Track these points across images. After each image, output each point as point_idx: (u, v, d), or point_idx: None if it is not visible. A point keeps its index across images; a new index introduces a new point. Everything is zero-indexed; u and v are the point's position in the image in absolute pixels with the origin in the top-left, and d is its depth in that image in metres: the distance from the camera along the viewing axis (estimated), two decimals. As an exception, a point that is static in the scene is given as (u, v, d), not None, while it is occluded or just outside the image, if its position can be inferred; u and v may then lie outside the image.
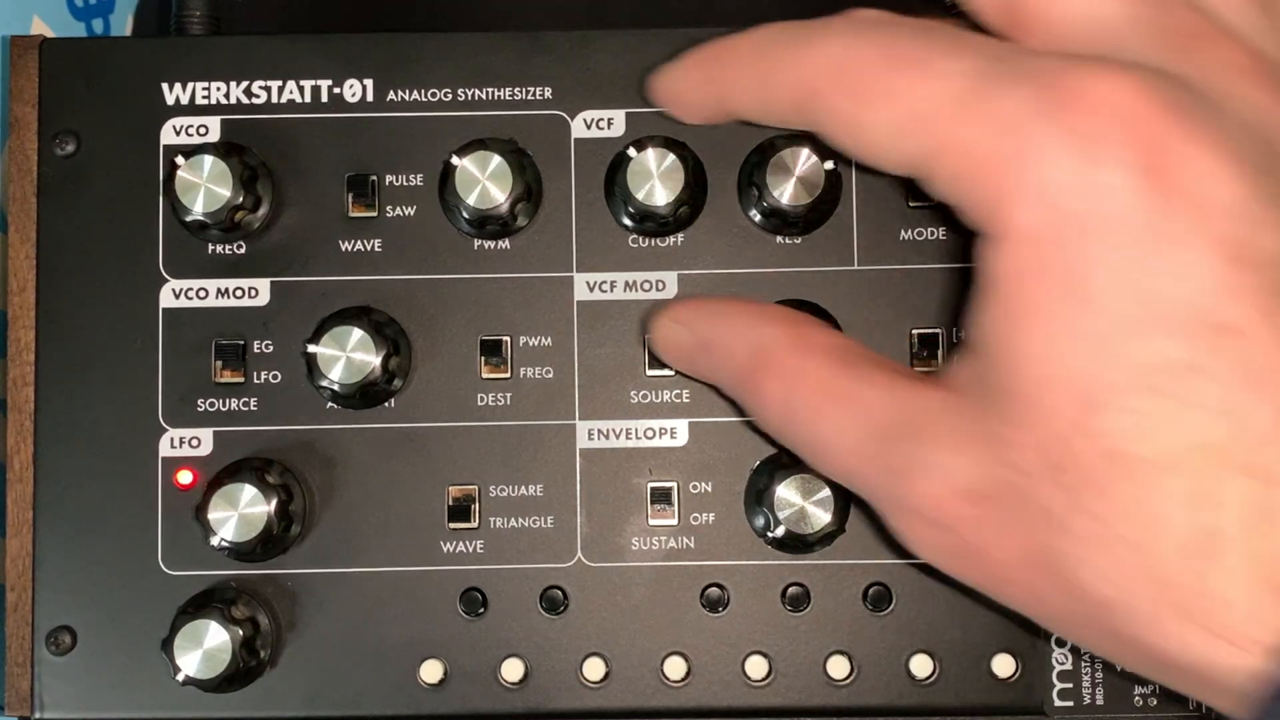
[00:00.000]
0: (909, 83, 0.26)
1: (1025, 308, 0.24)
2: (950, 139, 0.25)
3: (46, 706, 0.33)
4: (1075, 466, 0.24)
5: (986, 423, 0.25)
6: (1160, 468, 0.23)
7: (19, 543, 0.34)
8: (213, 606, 0.32)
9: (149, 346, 0.34)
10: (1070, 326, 0.24)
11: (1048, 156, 0.24)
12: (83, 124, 0.35)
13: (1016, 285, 0.25)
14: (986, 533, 0.26)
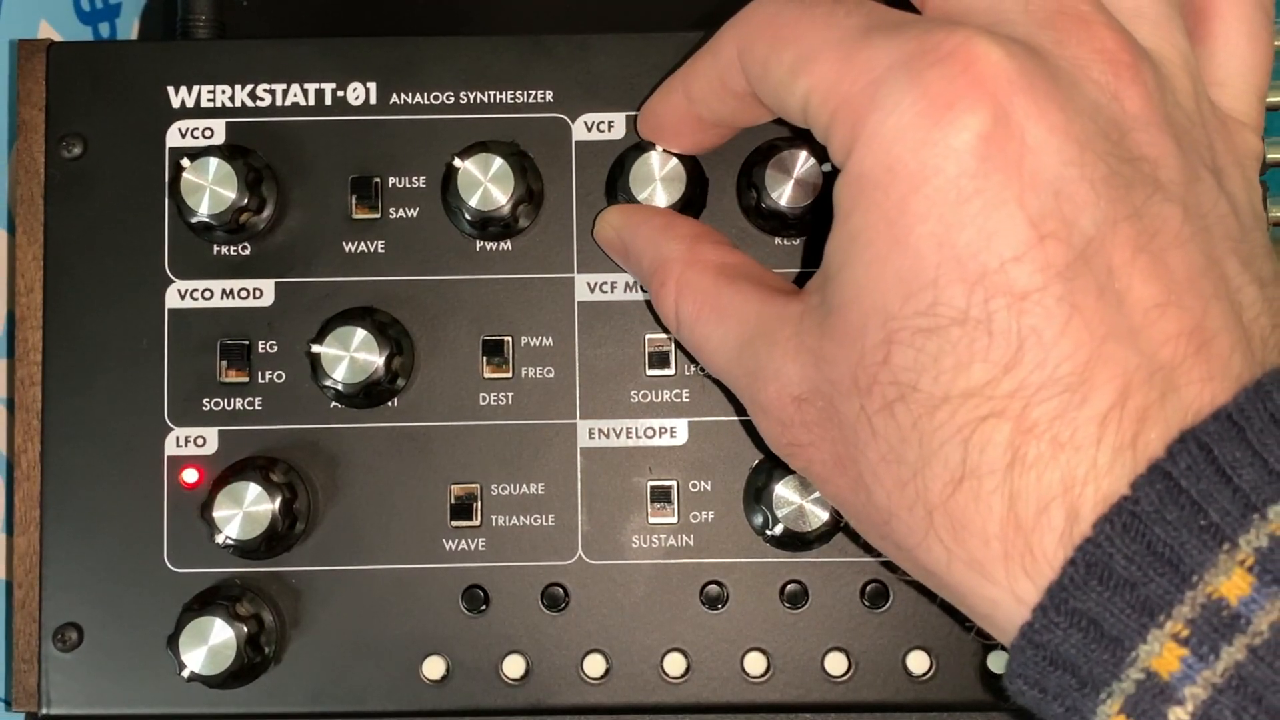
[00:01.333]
0: (807, 31, 0.27)
1: (858, 240, 0.26)
2: (824, 80, 0.27)
3: (53, 702, 0.33)
4: (872, 390, 0.26)
5: (818, 337, 0.27)
6: (935, 403, 0.25)
7: (26, 540, 0.34)
8: (218, 603, 0.32)
9: (155, 346, 0.34)
10: (886, 264, 0.25)
11: (898, 108, 0.25)
12: (89, 127, 0.35)
13: (853, 219, 0.26)
14: (810, 433, 0.28)
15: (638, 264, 0.33)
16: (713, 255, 0.31)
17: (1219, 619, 0.22)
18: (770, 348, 0.28)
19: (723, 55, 0.30)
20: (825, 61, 0.27)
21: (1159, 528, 0.23)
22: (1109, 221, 0.25)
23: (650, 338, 0.34)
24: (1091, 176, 0.25)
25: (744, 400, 0.30)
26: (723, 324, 0.30)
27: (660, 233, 0.32)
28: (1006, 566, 0.24)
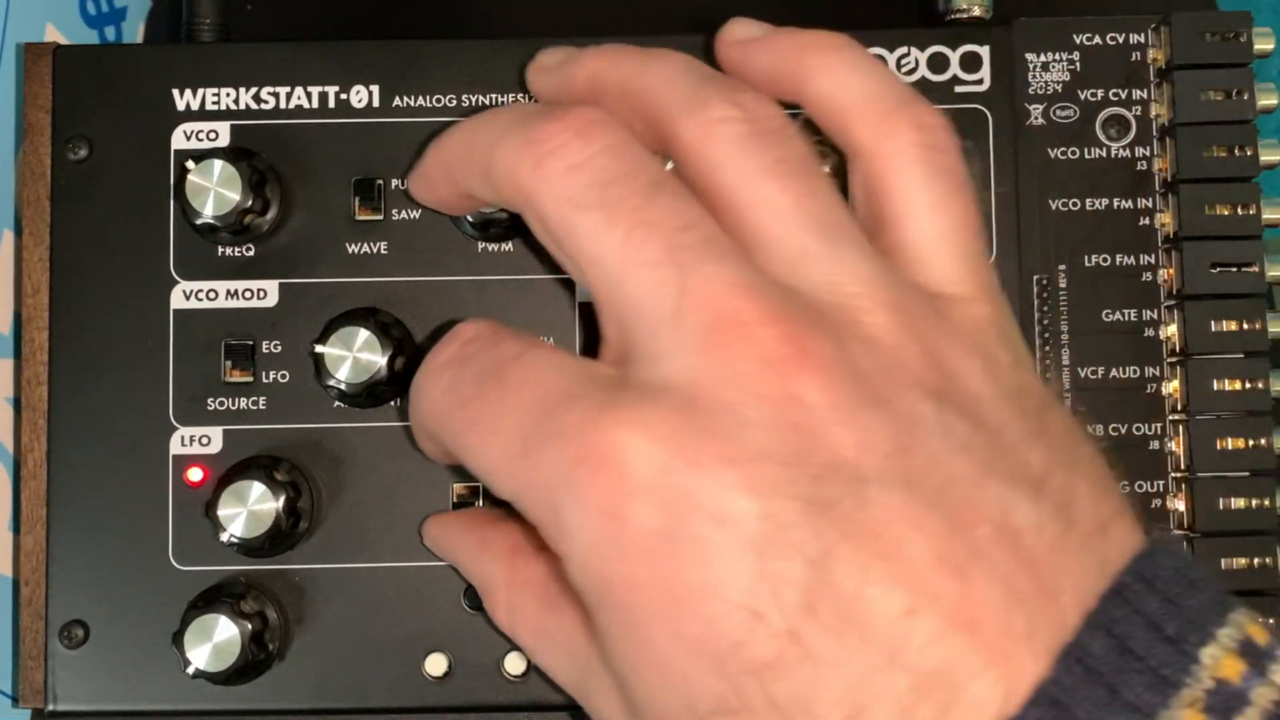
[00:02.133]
0: (472, 452, 0.27)
1: (610, 640, 0.26)
2: (510, 496, 0.27)
3: (59, 698, 0.33)
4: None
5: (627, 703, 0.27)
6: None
7: (33, 538, 0.34)
8: (222, 601, 0.32)
9: (160, 347, 0.34)
10: (642, 669, 0.25)
11: (581, 532, 0.25)
12: (95, 129, 0.35)
13: (599, 621, 0.26)
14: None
15: (467, 576, 0.32)
16: (534, 571, 0.30)
17: None
18: (598, 693, 0.28)
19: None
20: (501, 483, 0.27)
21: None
22: (822, 556, 0.23)
23: (650, 338, 0.34)
24: (785, 522, 0.23)
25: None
26: (557, 656, 0.29)
27: (477, 553, 0.31)
28: None
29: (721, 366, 0.24)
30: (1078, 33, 0.35)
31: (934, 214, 0.28)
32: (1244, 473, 0.33)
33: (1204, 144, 0.33)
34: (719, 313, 0.25)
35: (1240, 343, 0.33)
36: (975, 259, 0.28)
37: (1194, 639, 0.23)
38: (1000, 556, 0.23)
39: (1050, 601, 0.23)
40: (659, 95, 0.28)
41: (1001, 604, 0.23)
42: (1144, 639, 0.23)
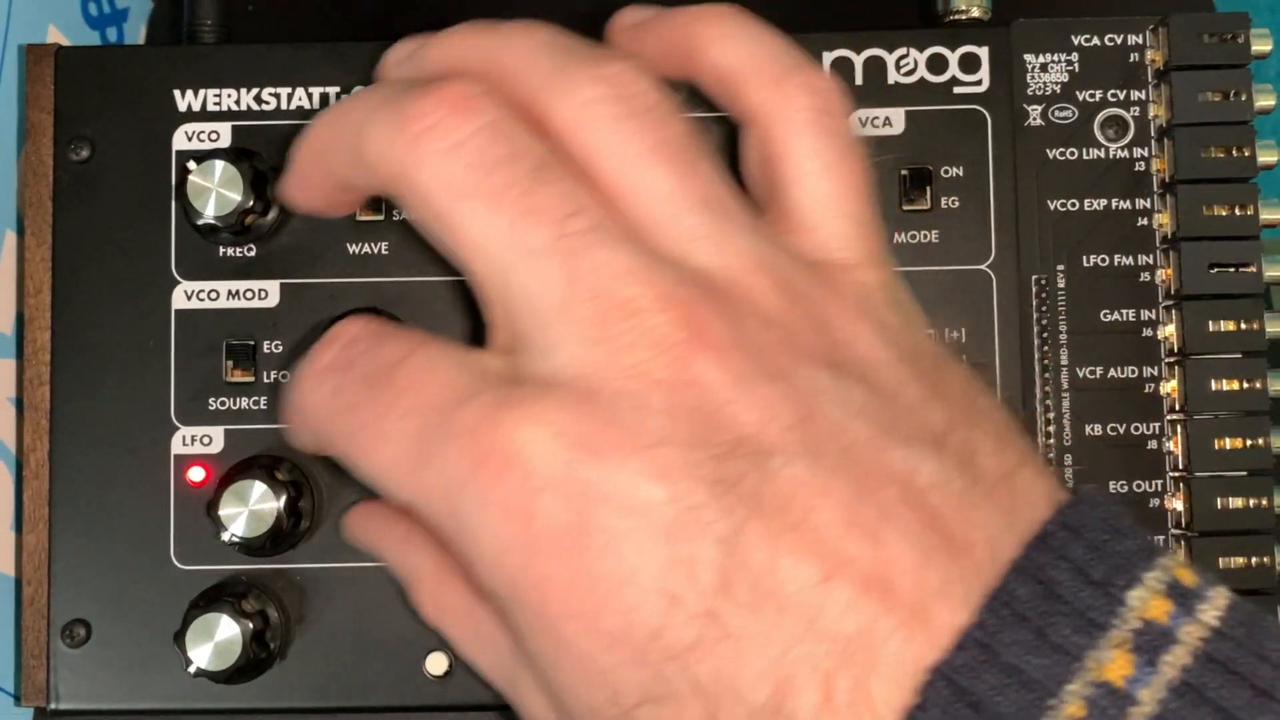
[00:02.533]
0: (366, 453, 0.27)
1: (528, 642, 0.26)
2: (411, 503, 0.26)
3: (61, 697, 0.33)
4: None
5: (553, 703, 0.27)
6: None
7: (35, 538, 0.34)
8: (224, 600, 0.32)
9: (161, 347, 0.34)
10: (561, 666, 0.25)
11: (485, 534, 0.25)
12: (97, 130, 0.35)
13: (512, 619, 0.26)
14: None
15: (392, 568, 0.31)
16: (460, 564, 0.29)
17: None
18: (526, 691, 0.27)
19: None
20: (397, 490, 0.26)
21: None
22: (733, 534, 0.23)
23: (650, 338, 0.34)
24: (693, 504, 0.23)
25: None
26: (485, 652, 0.29)
27: (402, 544, 0.31)
28: None
29: (616, 355, 0.24)
30: (1076, 34, 0.35)
31: (824, 178, 0.28)
32: (1242, 472, 0.33)
33: (1202, 145, 0.33)
34: (610, 300, 0.24)
35: (1238, 343, 0.33)
36: (863, 224, 0.28)
37: (1121, 582, 0.23)
38: (909, 516, 0.24)
39: (963, 554, 0.23)
40: (523, 75, 0.27)
41: (914, 561, 0.23)
42: (1070, 584, 0.23)
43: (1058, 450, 0.34)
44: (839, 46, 0.34)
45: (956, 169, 0.34)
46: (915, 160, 0.34)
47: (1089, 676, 0.22)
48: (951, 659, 0.22)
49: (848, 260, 0.27)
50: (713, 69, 0.29)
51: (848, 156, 0.28)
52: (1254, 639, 0.23)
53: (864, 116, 0.34)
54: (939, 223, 0.34)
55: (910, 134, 0.34)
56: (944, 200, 0.34)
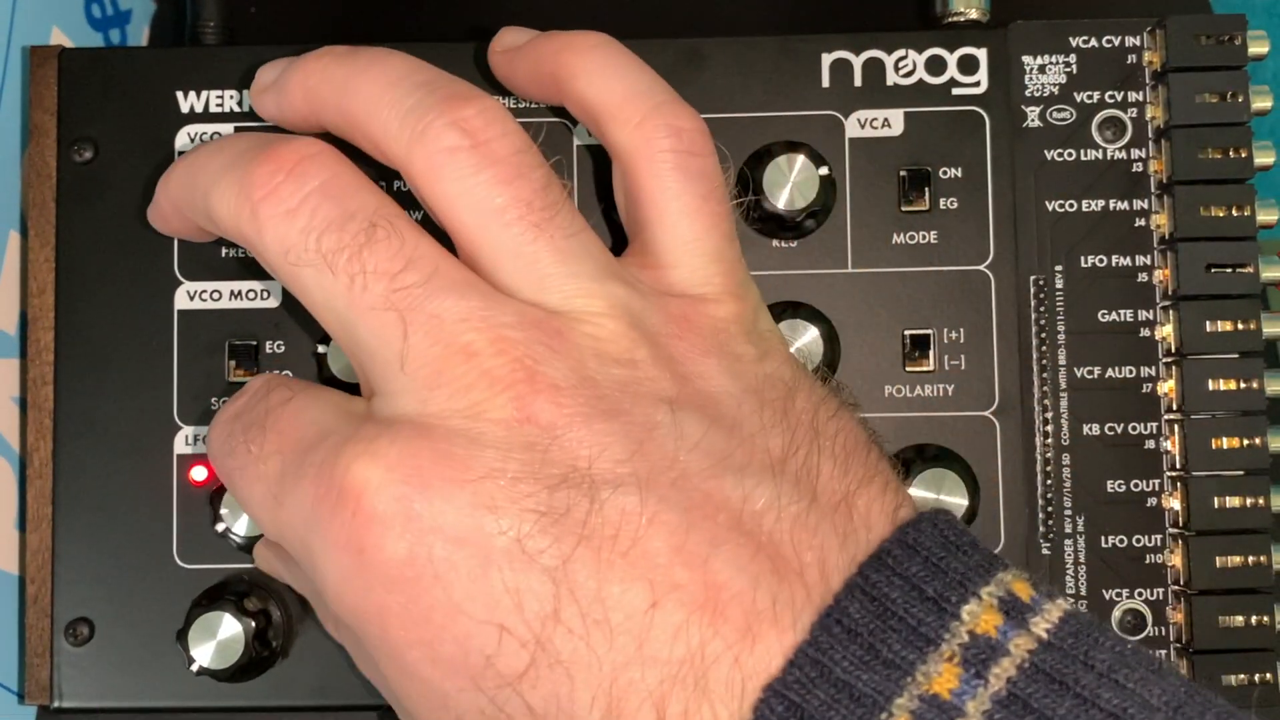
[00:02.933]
0: (236, 488, 0.28)
1: (379, 670, 0.27)
2: (272, 532, 0.28)
3: (65, 695, 0.33)
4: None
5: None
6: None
7: (38, 537, 0.34)
8: (226, 599, 0.32)
9: (164, 346, 0.34)
10: (412, 695, 0.26)
11: (327, 567, 0.25)
12: (100, 131, 0.35)
13: (365, 649, 0.27)
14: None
15: (297, 589, 0.32)
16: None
17: None
18: (398, 711, 0.28)
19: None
20: (265, 528, 0.28)
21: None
22: (561, 563, 0.24)
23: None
24: (521, 534, 0.24)
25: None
26: (369, 671, 0.29)
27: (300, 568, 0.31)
28: None
29: (453, 399, 0.25)
30: (1074, 35, 0.35)
31: (685, 219, 0.28)
32: (1239, 471, 0.33)
33: (1199, 146, 0.33)
34: (448, 347, 0.25)
35: (1235, 343, 0.33)
36: (722, 261, 0.29)
37: (955, 598, 0.24)
38: (739, 541, 0.24)
39: (794, 576, 0.24)
40: (376, 117, 0.28)
41: (743, 585, 0.24)
42: (903, 600, 0.24)
43: (1055, 449, 0.34)
44: (838, 48, 0.35)
45: (955, 170, 0.34)
46: (914, 161, 0.34)
47: (917, 690, 0.23)
48: (784, 677, 0.23)
49: (706, 295, 0.28)
50: (579, 101, 0.30)
51: (710, 198, 0.29)
52: (1081, 648, 0.23)
53: (863, 118, 0.34)
54: (938, 223, 0.34)
55: (909, 135, 0.34)
56: (943, 201, 0.34)
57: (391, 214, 0.27)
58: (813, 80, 0.34)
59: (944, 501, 0.33)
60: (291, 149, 0.27)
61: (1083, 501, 0.34)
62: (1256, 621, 0.32)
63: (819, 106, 0.34)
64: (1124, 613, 0.33)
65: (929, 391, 0.34)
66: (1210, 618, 0.33)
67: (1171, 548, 0.33)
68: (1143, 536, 0.34)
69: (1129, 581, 0.33)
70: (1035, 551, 0.33)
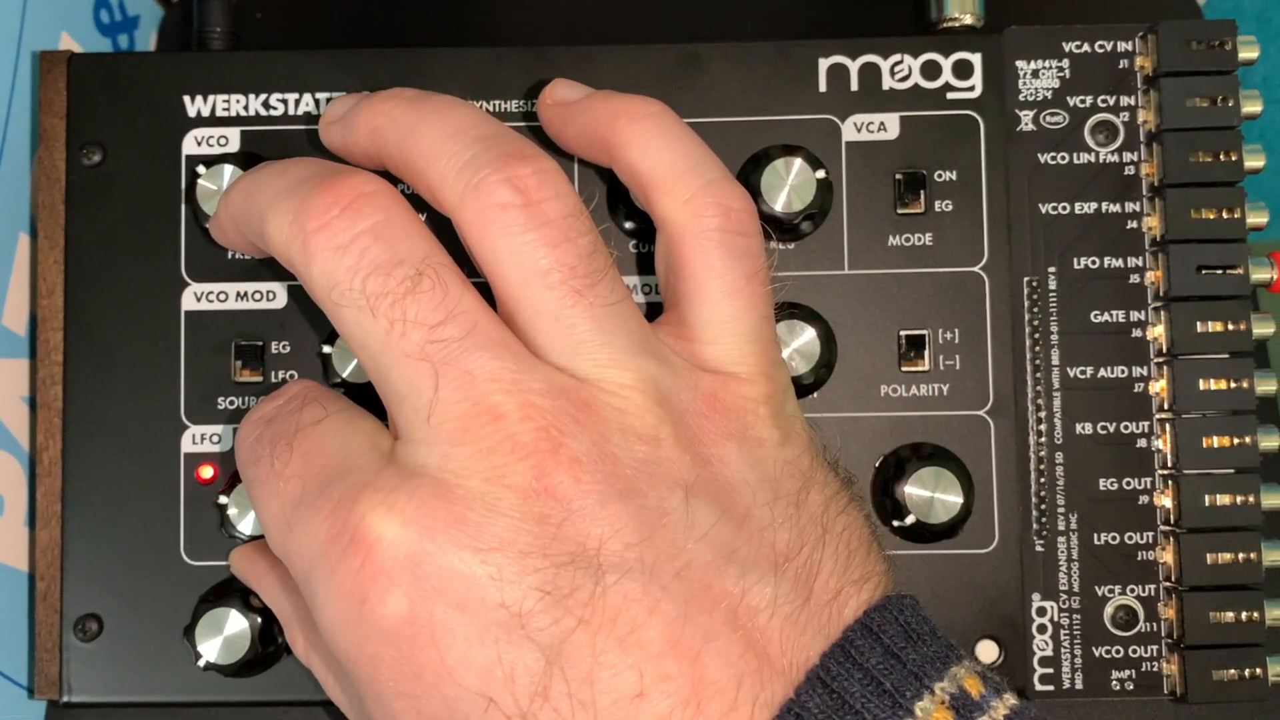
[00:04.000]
0: (255, 500, 0.28)
1: (369, 711, 0.26)
2: (284, 557, 0.27)
3: (74, 690, 0.33)
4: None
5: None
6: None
7: (48, 534, 0.34)
8: (232, 595, 0.32)
9: (172, 347, 0.34)
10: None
11: (327, 606, 0.25)
12: (109, 135, 0.35)
13: (359, 690, 0.26)
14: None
15: (268, 603, 0.32)
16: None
17: None
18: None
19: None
20: (272, 543, 0.27)
21: None
22: (557, 643, 0.24)
23: (650, 338, 0.34)
24: (523, 610, 0.24)
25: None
26: (343, 697, 0.29)
27: (278, 586, 0.31)
28: None
29: (476, 459, 0.25)
30: (1067, 41, 0.35)
31: (726, 298, 0.28)
32: (1229, 470, 0.33)
33: (1190, 149, 0.33)
34: (476, 406, 0.25)
35: (1225, 343, 0.33)
36: (758, 341, 0.28)
37: (909, 692, 0.24)
38: (732, 637, 0.24)
39: (778, 676, 0.24)
40: (434, 164, 0.28)
41: (729, 681, 0.24)
42: (861, 693, 0.24)
43: (1049, 448, 0.34)
44: (835, 53, 0.35)
45: (950, 173, 0.34)
46: (910, 165, 0.34)
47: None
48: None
49: (738, 374, 0.28)
50: (629, 169, 0.29)
51: (753, 279, 0.28)
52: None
53: (859, 122, 0.34)
54: (933, 226, 0.34)
55: (904, 139, 0.34)
56: (938, 204, 0.34)
57: (439, 263, 0.26)
58: (810, 85, 0.34)
59: (940, 499, 0.33)
60: (350, 184, 0.27)
61: (1076, 499, 0.34)
62: (1246, 617, 0.32)
63: (816, 110, 0.34)
64: (1116, 609, 0.33)
65: (924, 391, 0.34)
66: (1201, 613, 0.33)
67: (1163, 544, 0.34)
68: (1135, 533, 0.34)
69: (1121, 578, 0.33)
70: (1029, 549, 0.34)
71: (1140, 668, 0.33)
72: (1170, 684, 0.33)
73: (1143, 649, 0.33)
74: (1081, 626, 0.33)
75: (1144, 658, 0.33)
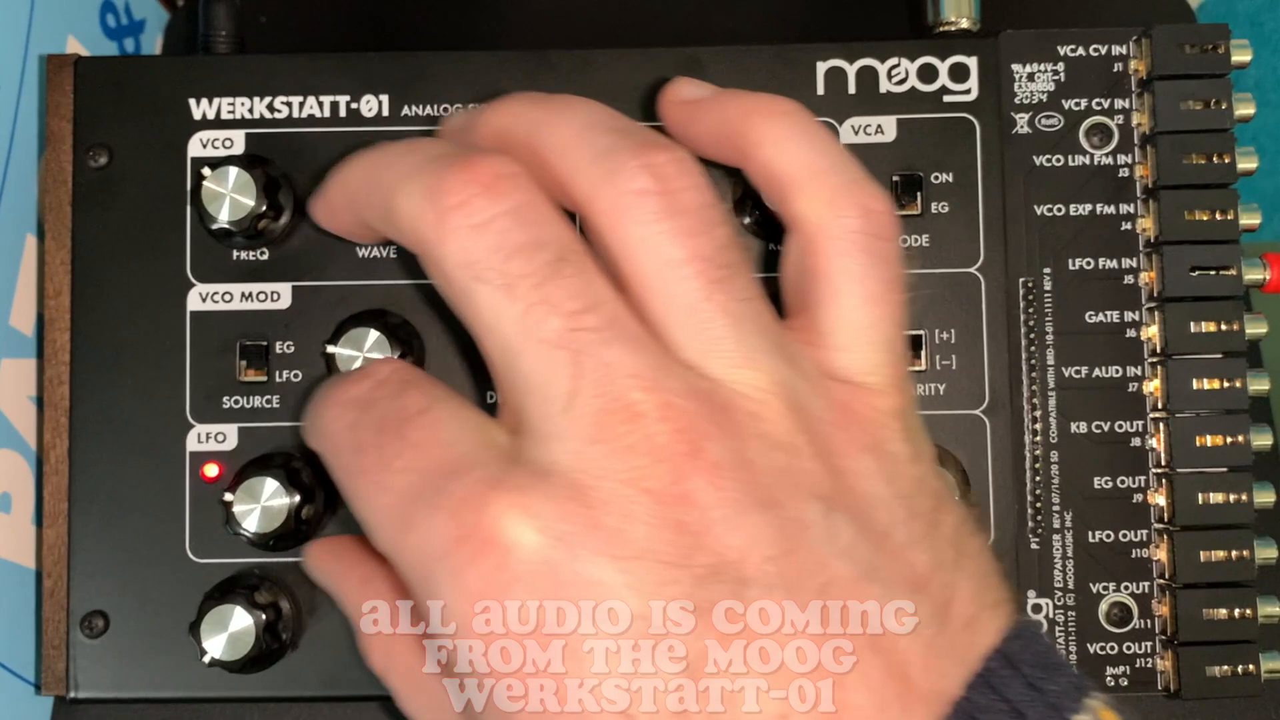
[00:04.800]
0: (360, 496, 0.26)
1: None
2: (393, 557, 0.25)
3: (80, 686, 0.34)
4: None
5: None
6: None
7: (55, 532, 0.34)
8: (237, 592, 0.32)
9: (177, 347, 0.34)
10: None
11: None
12: (115, 137, 0.35)
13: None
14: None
15: (342, 605, 0.30)
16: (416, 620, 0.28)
17: None
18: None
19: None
20: (381, 540, 0.25)
21: None
22: (697, 658, 0.22)
23: (650, 339, 0.34)
24: (663, 622, 0.22)
25: None
26: (426, 712, 0.28)
27: (358, 590, 0.30)
28: None
29: (613, 458, 0.23)
30: (1062, 44, 0.35)
31: (863, 305, 0.27)
32: (1222, 469, 0.33)
33: (1183, 152, 0.33)
34: (614, 402, 0.24)
35: (1218, 343, 0.33)
36: (892, 352, 0.27)
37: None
38: (873, 660, 0.23)
39: (919, 701, 0.23)
40: (567, 156, 0.26)
41: (871, 707, 0.23)
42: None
43: (1044, 447, 0.34)
44: (833, 56, 0.35)
45: (946, 175, 0.34)
46: (906, 167, 0.34)
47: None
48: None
49: (871, 385, 0.26)
50: (764, 168, 0.28)
51: (891, 285, 0.27)
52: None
53: (857, 124, 0.34)
54: (929, 227, 0.34)
55: (901, 141, 0.34)
56: (934, 205, 0.34)
57: (581, 251, 0.25)
58: (808, 87, 0.35)
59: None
60: (489, 164, 0.25)
61: (1070, 497, 0.34)
62: (1240, 614, 0.32)
63: (814, 113, 0.34)
64: (1110, 606, 0.33)
65: (921, 391, 0.34)
66: (1195, 611, 0.33)
67: (1157, 542, 0.34)
68: (1129, 531, 0.34)
69: (1115, 575, 0.33)
70: (1025, 546, 0.34)
71: (1134, 664, 0.33)
72: (1164, 680, 0.33)
73: (1137, 645, 0.33)
74: (1076, 623, 0.33)
75: (1138, 654, 0.33)
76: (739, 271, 0.26)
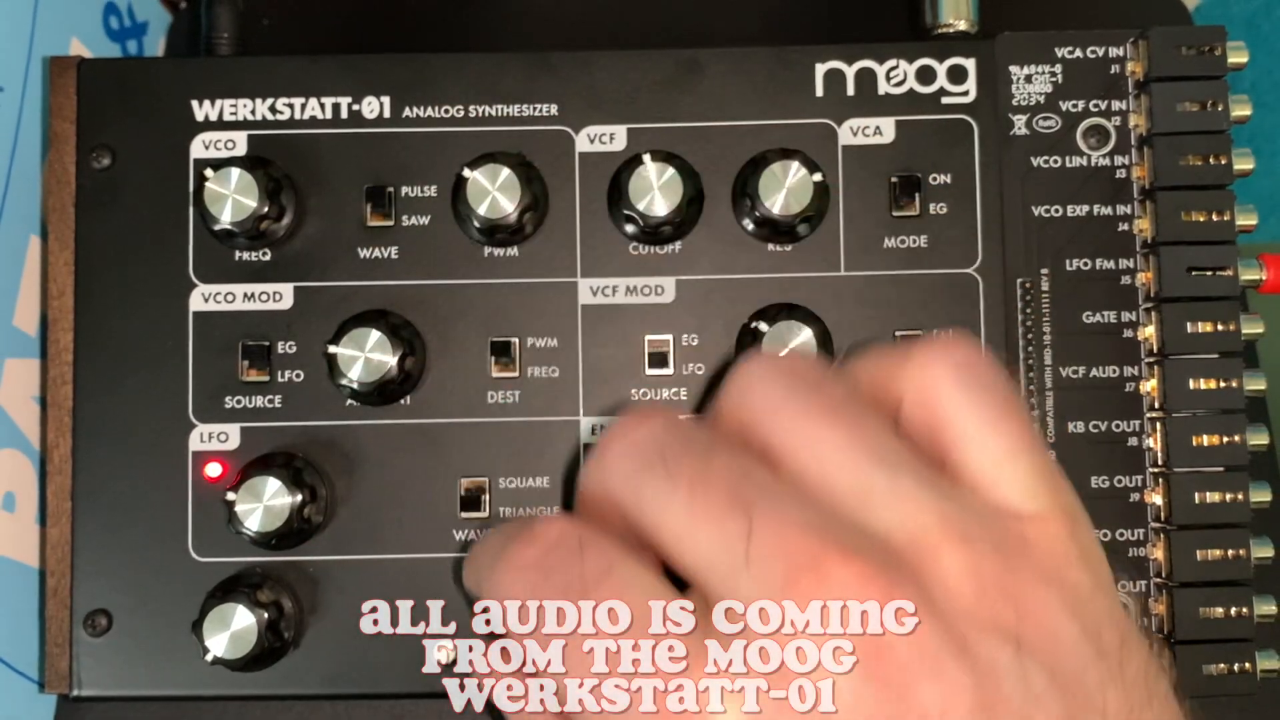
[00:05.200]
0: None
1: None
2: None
3: (84, 684, 0.34)
4: None
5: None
6: None
7: (58, 531, 0.34)
8: (240, 591, 0.32)
9: (180, 347, 0.34)
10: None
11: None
12: (118, 139, 0.35)
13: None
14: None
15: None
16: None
17: None
18: None
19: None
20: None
21: None
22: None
23: (650, 339, 0.34)
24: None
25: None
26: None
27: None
28: None
29: (802, 611, 0.23)
30: (1059, 46, 0.35)
31: (987, 433, 0.26)
32: (1218, 468, 0.33)
33: (1180, 153, 0.33)
34: (792, 552, 0.23)
35: (1215, 343, 0.33)
36: (1043, 473, 0.26)
37: None
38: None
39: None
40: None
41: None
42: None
43: (1042, 447, 0.34)
44: (832, 58, 0.35)
45: (944, 176, 0.34)
46: (905, 168, 0.34)
47: None
48: None
49: (1033, 512, 0.25)
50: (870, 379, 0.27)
51: (1005, 408, 0.26)
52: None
53: (855, 126, 0.34)
54: (928, 228, 0.34)
55: (900, 142, 0.34)
56: (932, 206, 0.34)
57: (723, 441, 0.25)
58: (807, 89, 0.35)
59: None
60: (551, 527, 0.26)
61: (1068, 497, 0.34)
62: (1236, 613, 0.32)
63: (813, 115, 0.35)
64: (1108, 604, 0.33)
65: (919, 390, 0.34)
66: (1191, 609, 0.33)
67: (1154, 541, 0.34)
68: (1126, 531, 0.34)
69: (1113, 574, 0.33)
70: (1022, 545, 0.34)
71: (1131, 662, 0.33)
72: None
73: (1134, 644, 0.33)
74: (1074, 622, 0.33)
75: (1135, 652, 0.33)
76: (875, 419, 0.26)
